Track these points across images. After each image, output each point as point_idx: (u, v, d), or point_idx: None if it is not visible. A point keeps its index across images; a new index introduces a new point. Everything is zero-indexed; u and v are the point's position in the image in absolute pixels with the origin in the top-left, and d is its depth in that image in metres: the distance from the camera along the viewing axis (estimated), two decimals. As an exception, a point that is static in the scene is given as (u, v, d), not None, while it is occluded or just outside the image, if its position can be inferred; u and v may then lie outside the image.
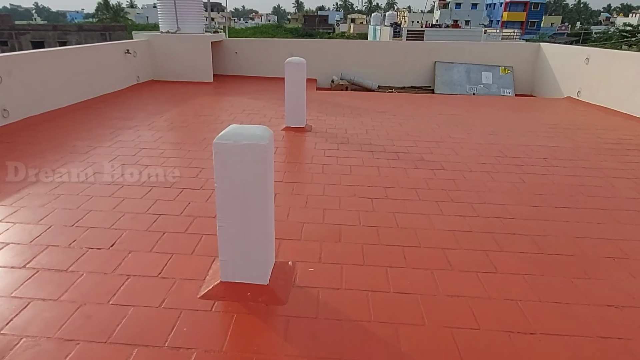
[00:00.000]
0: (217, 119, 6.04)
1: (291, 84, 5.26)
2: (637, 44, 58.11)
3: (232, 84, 9.46)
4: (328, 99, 7.72)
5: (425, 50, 10.10)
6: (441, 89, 9.81)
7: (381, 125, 5.81)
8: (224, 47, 10.30)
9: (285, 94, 5.31)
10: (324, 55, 10.22)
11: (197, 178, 3.72)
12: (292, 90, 5.28)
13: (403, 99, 8.15)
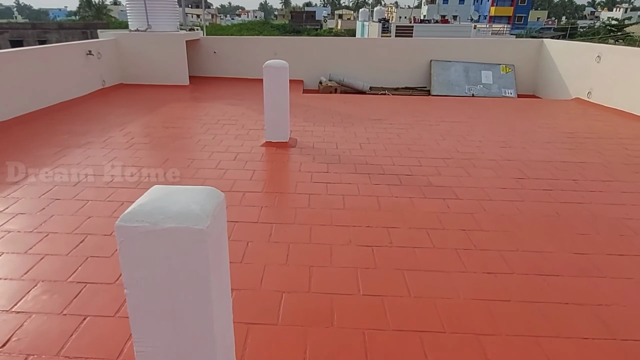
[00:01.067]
0: (187, 132, 5.21)
1: (271, 92, 4.45)
2: (623, 38, 58.29)
3: (210, 86, 8.61)
4: (315, 103, 6.93)
5: (420, 48, 9.35)
6: (438, 90, 9.08)
7: (377, 137, 5.04)
8: (202, 47, 9.43)
9: (265, 104, 4.50)
10: (311, 54, 9.41)
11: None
12: (272, 99, 4.48)
13: (398, 102, 7.38)
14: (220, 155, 4.25)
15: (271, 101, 4.47)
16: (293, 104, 6.86)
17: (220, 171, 3.83)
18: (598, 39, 55.68)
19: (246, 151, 4.41)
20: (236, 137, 4.93)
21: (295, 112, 6.18)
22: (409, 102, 7.40)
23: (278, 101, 4.48)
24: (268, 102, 4.48)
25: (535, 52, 9.21)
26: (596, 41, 52.57)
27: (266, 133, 4.62)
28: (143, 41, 8.25)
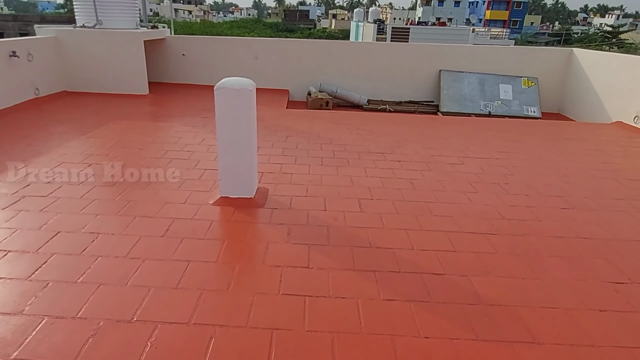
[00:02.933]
0: (111, 175, 3.67)
1: (228, 126, 2.95)
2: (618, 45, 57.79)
3: (175, 97, 7.07)
4: (301, 125, 5.44)
5: (427, 55, 7.90)
6: (448, 106, 7.64)
7: (382, 186, 3.57)
8: (168, 47, 7.89)
9: (218, 143, 3.01)
10: (298, 60, 7.92)
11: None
12: (229, 135, 2.98)
13: (404, 124, 5.92)
14: (142, 227, 2.74)
15: (228, 139, 2.98)
16: (272, 126, 5.41)
17: (126, 267, 2.32)
18: (595, 45, 55.09)
19: (187, 215, 2.91)
20: (181, 184, 3.42)
21: (272, 139, 4.71)
22: (416, 124, 5.94)
23: (239, 139, 2.98)
24: (223, 140, 2.98)
25: (562, 64, 7.82)
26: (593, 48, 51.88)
27: (221, 185, 3.12)
28: (90, 40, 6.70)
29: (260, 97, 7.37)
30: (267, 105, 6.66)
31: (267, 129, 5.18)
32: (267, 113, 6.14)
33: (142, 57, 6.78)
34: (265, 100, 7.01)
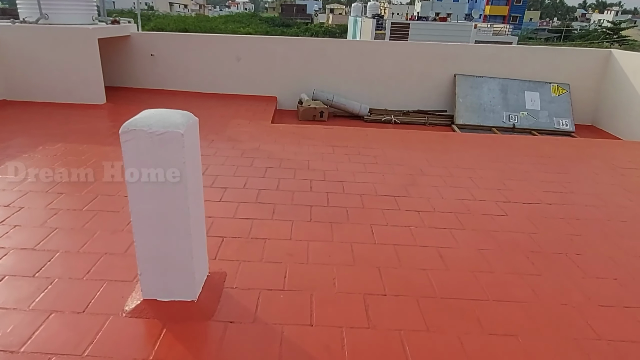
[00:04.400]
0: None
1: (148, 194, 1.75)
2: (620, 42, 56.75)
3: (139, 107, 5.80)
4: (286, 148, 4.24)
5: (440, 57, 6.71)
6: (465, 117, 6.46)
7: (399, 265, 2.40)
8: (134, 46, 6.66)
9: (133, 222, 1.79)
10: (288, 61, 6.72)
11: None
12: (152, 208, 1.77)
13: (417, 145, 4.74)
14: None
15: (149, 212, 1.78)
16: (249, 151, 4.19)
17: None
18: (597, 43, 53.96)
19: (74, 350, 1.72)
20: (87, 275, 2.22)
21: (246, 172, 3.54)
22: (432, 145, 4.76)
23: (168, 212, 1.78)
24: (140, 214, 1.78)
25: (598, 67, 6.66)
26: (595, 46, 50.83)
27: (143, 283, 1.92)
28: (33, 38, 5.47)
29: (242, 107, 6.18)
30: (247, 119, 5.46)
31: (242, 157, 4.00)
32: (246, 130, 4.94)
33: (97, 58, 5.56)
34: (247, 111, 5.82)
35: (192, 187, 1.79)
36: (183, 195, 1.74)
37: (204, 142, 4.37)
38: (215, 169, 3.65)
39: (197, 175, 1.88)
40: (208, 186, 3.30)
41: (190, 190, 1.77)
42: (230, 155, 4.01)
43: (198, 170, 1.89)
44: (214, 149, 4.17)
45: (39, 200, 2.93)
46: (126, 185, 1.72)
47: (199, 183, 1.90)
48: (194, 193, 1.82)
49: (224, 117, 5.52)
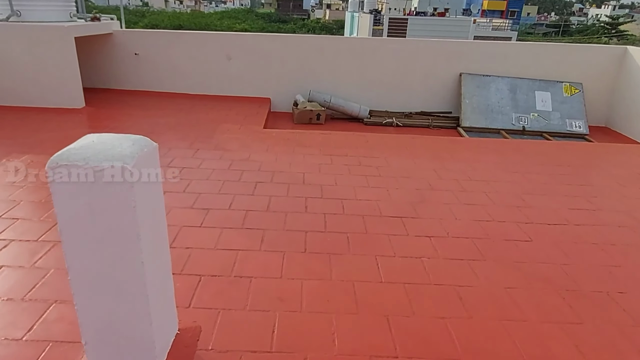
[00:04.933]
0: None
1: (90, 250, 1.32)
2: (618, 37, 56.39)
3: (121, 111, 5.43)
4: (279, 158, 3.82)
5: (445, 55, 6.28)
6: (472, 119, 6.05)
7: (412, 312, 2.00)
8: (117, 45, 6.21)
9: (72, 283, 1.37)
10: (282, 60, 6.29)
11: None
12: (96, 268, 1.35)
13: (423, 153, 4.33)
14: None
15: (95, 275, 1.36)
16: (238, 163, 3.75)
17: None
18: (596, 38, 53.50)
19: None
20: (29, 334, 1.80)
21: (233, 189, 3.12)
22: (439, 153, 4.34)
23: (119, 273, 1.36)
24: (80, 275, 1.36)
25: (613, 65, 6.25)
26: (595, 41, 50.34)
27: (89, 354, 1.50)
28: (3, 36, 5.02)
29: (233, 109, 5.73)
30: (238, 123, 5.04)
31: (229, 170, 3.57)
32: (236, 137, 4.52)
33: (74, 58, 5.12)
34: (238, 115, 5.39)
35: (148, 237, 1.37)
36: (135, 249, 1.33)
37: (188, 151, 3.96)
38: (198, 185, 3.23)
39: (157, 219, 1.46)
40: (188, 207, 2.89)
41: (146, 242, 1.35)
42: (216, 168, 3.58)
43: (158, 213, 1.47)
44: (198, 160, 3.75)
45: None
46: (61, 239, 1.30)
47: (159, 229, 1.49)
48: (152, 243, 1.41)
49: (213, 121, 5.10)
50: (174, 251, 2.32)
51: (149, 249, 1.37)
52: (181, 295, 1.97)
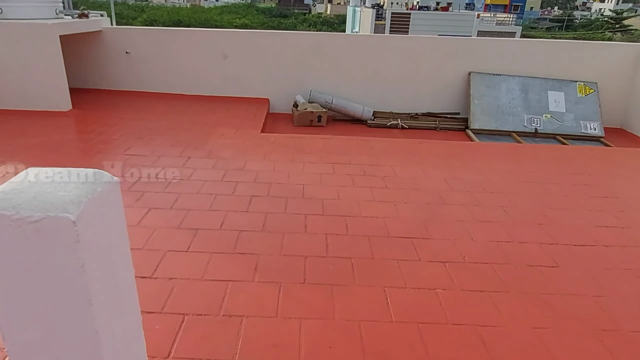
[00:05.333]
0: None
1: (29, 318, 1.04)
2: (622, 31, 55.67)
3: (111, 114, 5.13)
4: (277, 167, 3.52)
5: (453, 53, 5.97)
6: (481, 121, 5.75)
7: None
8: (107, 43, 5.91)
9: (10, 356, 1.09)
10: (282, 59, 5.98)
11: None
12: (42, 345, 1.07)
13: (432, 159, 4.03)
14: None
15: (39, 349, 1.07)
16: (232, 173, 3.49)
17: None
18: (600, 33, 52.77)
19: None
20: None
21: (226, 204, 2.84)
22: (450, 160, 4.04)
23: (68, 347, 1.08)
24: (20, 350, 1.08)
25: (629, 64, 5.94)
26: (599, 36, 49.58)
27: None
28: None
29: (229, 111, 5.43)
30: (234, 127, 4.74)
31: (222, 181, 3.29)
32: (231, 142, 4.22)
33: (59, 58, 4.83)
34: (235, 117, 5.10)
35: (105, 299, 1.09)
36: (86, 317, 1.04)
37: (179, 160, 3.67)
38: (187, 201, 2.94)
39: (119, 272, 1.17)
40: (175, 227, 2.61)
41: (102, 305, 1.07)
42: (208, 179, 3.30)
43: (120, 264, 1.18)
44: (189, 170, 3.46)
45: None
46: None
47: (123, 283, 1.20)
48: (110, 304, 1.12)
49: (207, 125, 4.80)
50: (156, 283, 2.04)
51: (105, 314, 1.09)
52: (160, 342, 1.69)
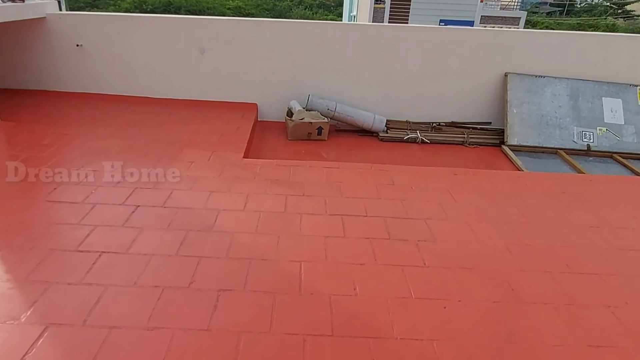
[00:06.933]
0: None
1: None
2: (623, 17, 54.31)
3: (46, 129, 3.93)
4: (264, 216, 2.37)
5: (486, 48, 4.79)
6: (520, 135, 4.62)
7: None
8: (53, 34, 4.68)
9: None
10: (273, 54, 4.79)
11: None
12: None
13: (481, 211, 2.90)
14: None
15: None
16: (193, 239, 2.31)
17: None
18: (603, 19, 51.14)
19: None
20: None
21: (170, 317, 1.63)
22: (501, 205, 2.92)
23: None
24: None
25: None
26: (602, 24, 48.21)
27: None
28: None
29: (206, 122, 3.68)
30: (209, 148, 3.59)
31: (175, 258, 2.15)
32: (201, 175, 3.07)
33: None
34: (211, 132, 3.96)
35: None
36: None
37: (121, 212, 2.50)
38: (109, 305, 1.80)
39: None
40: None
41: None
42: (156, 252, 2.16)
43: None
44: (131, 233, 2.31)
45: None
46: None
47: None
48: None
49: (173, 144, 3.65)
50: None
51: None
52: None
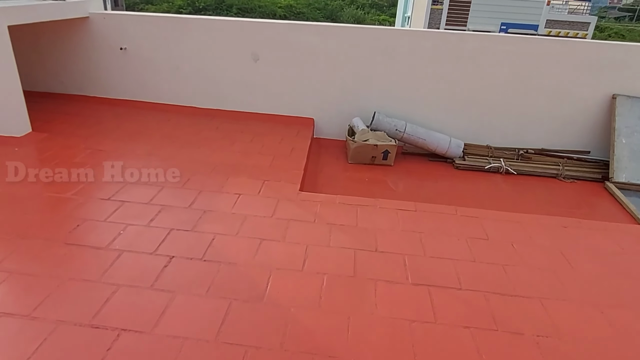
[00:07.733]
0: None
1: None
2: None
3: (81, 143, 3.51)
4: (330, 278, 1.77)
5: (589, 64, 3.96)
6: (630, 170, 3.78)
7: None
8: (96, 35, 4.31)
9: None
10: (333, 64, 4.20)
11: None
12: None
13: (630, 307, 2.17)
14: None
15: None
16: (239, 305, 1.72)
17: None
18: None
19: None
20: None
21: None
22: None
23: None
24: None
25: None
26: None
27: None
28: None
29: (256, 140, 2.74)
30: (261, 175, 3.04)
31: (214, 342, 1.57)
32: (248, 214, 2.51)
33: (9, 58, 3.25)
34: (263, 153, 3.42)
35: None
36: None
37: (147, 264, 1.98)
38: None
39: None
40: None
41: None
42: (188, 340, 1.60)
43: None
44: (159, 303, 1.77)
45: None
46: None
47: None
48: None
49: (219, 167, 3.13)
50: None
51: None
52: None
